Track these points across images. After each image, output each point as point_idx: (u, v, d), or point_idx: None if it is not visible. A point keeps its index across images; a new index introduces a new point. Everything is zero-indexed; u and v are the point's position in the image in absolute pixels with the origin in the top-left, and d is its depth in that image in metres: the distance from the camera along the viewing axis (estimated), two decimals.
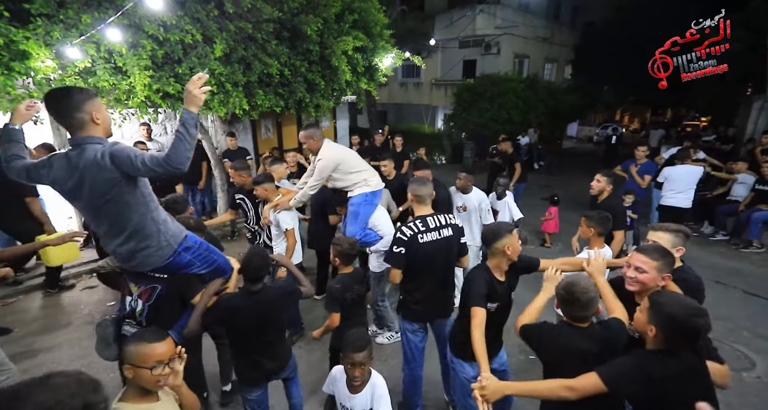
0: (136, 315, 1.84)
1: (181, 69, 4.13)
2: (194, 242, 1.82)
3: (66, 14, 3.37)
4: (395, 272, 2.34)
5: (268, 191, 3.20)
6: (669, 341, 1.35)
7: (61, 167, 1.51)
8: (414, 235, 2.26)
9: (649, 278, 1.68)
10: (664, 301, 1.37)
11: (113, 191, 1.49)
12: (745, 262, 5.18)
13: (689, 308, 1.33)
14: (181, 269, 1.77)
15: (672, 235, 2.01)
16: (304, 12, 5.01)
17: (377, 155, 6.41)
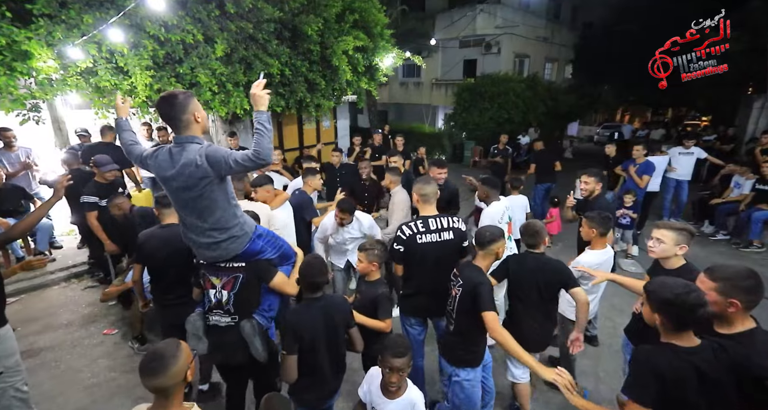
0: (223, 304, 1.93)
1: (182, 69, 4.15)
2: (263, 230, 1.99)
3: (68, 15, 3.39)
4: (397, 266, 2.45)
5: (269, 193, 3.13)
6: (671, 324, 1.37)
7: (165, 160, 1.71)
8: (413, 235, 2.29)
9: (666, 248, 1.99)
10: (654, 288, 1.42)
11: (205, 188, 1.68)
12: (745, 261, 5.18)
13: (677, 287, 1.36)
14: (256, 255, 1.92)
15: (675, 233, 2.04)
16: (305, 12, 5.03)
17: (376, 154, 6.43)
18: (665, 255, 2.08)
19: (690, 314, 1.32)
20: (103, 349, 3.32)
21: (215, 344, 1.96)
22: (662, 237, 2.05)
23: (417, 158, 6.76)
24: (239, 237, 1.83)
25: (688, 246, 2.04)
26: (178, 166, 1.67)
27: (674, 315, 1.35)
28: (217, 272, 1.91)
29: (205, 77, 4.21)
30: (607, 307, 3.79)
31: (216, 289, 1.92)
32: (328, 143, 9.08)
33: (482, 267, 2.07)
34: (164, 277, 2.44)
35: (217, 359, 2.06)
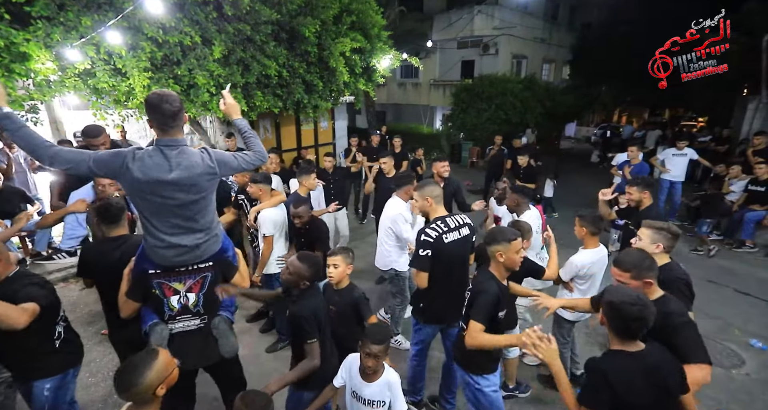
0: (191, 307, 1.89)
1: (180, 70, 4.18)
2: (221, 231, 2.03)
3: (66, 17, 3.41)
4: (422, 275, 2.27)
5: (262, 192, 3.12)
6: (617, 331, 1.44)
7: (160, 164, 1.61)
8: (439, 236, 2.24)
9: (643, 246, 1.95)
10: (608, 290, 1.50)
11: (208, 190, 1.73)
12: (737, 261, 5.24)
13: (626, 296, 1.41)
14: (224, 252, 1.95)
15: (653, 232, 2.12)
16: (303, 14, 5.06)
17: (374, 155, 6.46)
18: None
19: (624, 323, 1.40)
20: (102, 349, 3.34)
21: (183, 350, 1.83)
22: (641, 235, 2.17)
23: (415, 158, 6.80)
24: (218, 236, 1.88)
25: (668, 246, 2.09)
26: (181, 168, 1.63)
27: (614, 320, 1.43)
28: (179, 276, 1.84)
29: (203, 79, 4.24)
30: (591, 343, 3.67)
31: (180, 294, 1.86)
32: (325, 143, 9.11)
33: (495, 273, 1.99)
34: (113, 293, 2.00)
35: (188, 364, 1.89)
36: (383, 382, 1.84)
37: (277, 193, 3.32)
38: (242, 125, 1.83)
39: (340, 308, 2.22)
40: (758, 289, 4.43)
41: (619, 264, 1.79)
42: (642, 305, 1.39)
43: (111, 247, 2.11)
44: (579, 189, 8.69)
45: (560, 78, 17.71)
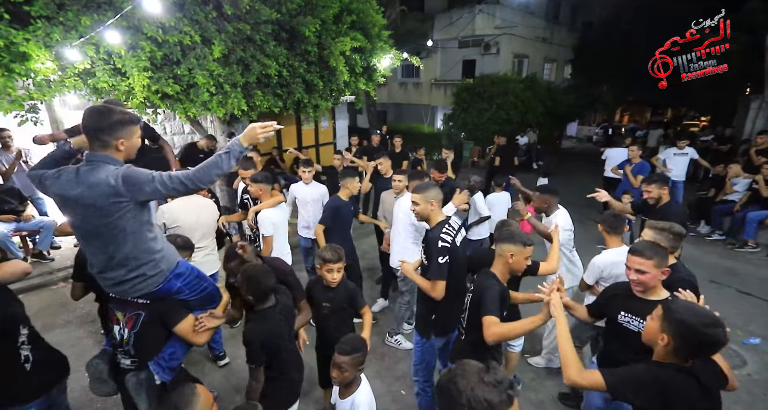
0: (123, 343, 1.75)
1: (180, 70, 4.17)
2: (186, 268, 1.73)
3: (66, 16, 3.41)
4: (441, 284, 2.10)
5: (262, 192, 3.13)
6: (681, 351, 1.32)
7: (69, 180, 1.47)
8: (453, 239, 2.15)
9: (651, 277, 1.76)
10: (678, 309, 1.33)
11: (115, 216, 1.44)
12: (740, 261, 5.21)
13: (704, 317, 1.29)
14: (170, 295, 1.69)
15: (654, 232, 2.12)
16: (303, 13, 5.05)
17: (374, 154, 6.45)
18: None
19: (699, 346, 1.29)
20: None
21: (122, 388, 1.76)
22: (644, 235, 2.16)
23: (416, 158, 6.79)
24: (151, 276, 1.58)
25: (671, 247, 2.07)
26: (84, 186, 1.43)
27: (687, 343, 1.30)
28: (123, 306, 1.70)
29: (203, 78, 4.23)
30: None
31: (120, 325, 1.73)
32: (326, 143, 9.11)
33: (497, 272, 1.96)
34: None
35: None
36: (348, 403, 1.72)
37: (276, 193, 3.32)
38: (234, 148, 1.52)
39: (335, 304, 2.23)
40: (760, 289, 4.40)
41: (640, 253, 1.75)
42: (722, 326, 1.27)
43: None
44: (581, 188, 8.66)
45: (562, 77, 17.67)
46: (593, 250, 3.21)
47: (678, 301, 1.43)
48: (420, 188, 2.24)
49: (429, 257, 2.14)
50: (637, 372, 1.40)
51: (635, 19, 12.88)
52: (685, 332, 1.29)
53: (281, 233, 3.25)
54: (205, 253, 2.98)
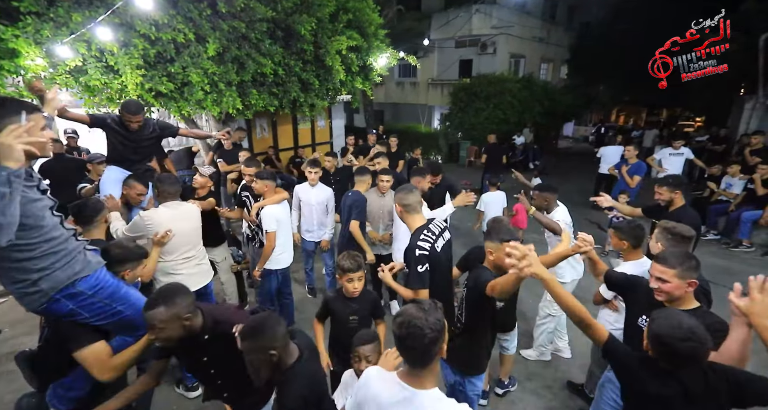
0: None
1: (173, 68, 4.12)
2: (89, 288, 1.49)
3: (56, 12, 3.35)
4: (424, 293, 2.00)
5: (267, 188, 3.15)
6: (662, 361, 1.32)
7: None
8: (432, 245, 2.05)
9: (673, 287, 1.63)
10: (657, 320, 1.32)
11: None
12: (734, 261, 5.23)
13: (678, 330, 1.25)
14: (63, 317, 1.49)
15: (658, 230, 2.10)
16: (298, 11, 5.01)
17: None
18: (652, 252, 2.13)
19: (672, 359, 1.29)
20: None
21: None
22: (652, 235, 2.16)
23: (412, 158, 6.78)
24: (30, 294, 1.41)
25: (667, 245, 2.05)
26: None
27: (662, 356, 1.31)
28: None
29: (197, 77, 4.19)
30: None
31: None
32: (323, 142, 9.07)
33: (488, 266, 1.95)
34: None
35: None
36: None
37: (280, 190, 3.35)
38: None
39: (361, 314, 2.11)
40: None
41: (663, 260, 1.65)
42: (697, 342, 1.23)
43: None
44: (576, 187, 8.68)
45: (558, 77, 17.72)
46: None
47: (663, 312, 1.37)
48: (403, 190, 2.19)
49: (408, 265, 2.07)
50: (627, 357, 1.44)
51: (632, 20, 12.94)
52: (658, 345, 1.29)
53: (285, 229, 3.26)
54: (194, 263, 2.79)
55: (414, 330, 1.09)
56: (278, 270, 3.31)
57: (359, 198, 3.45)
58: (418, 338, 1.09)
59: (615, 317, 2.38)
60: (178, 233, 2.60)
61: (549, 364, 3.24)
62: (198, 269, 2.83)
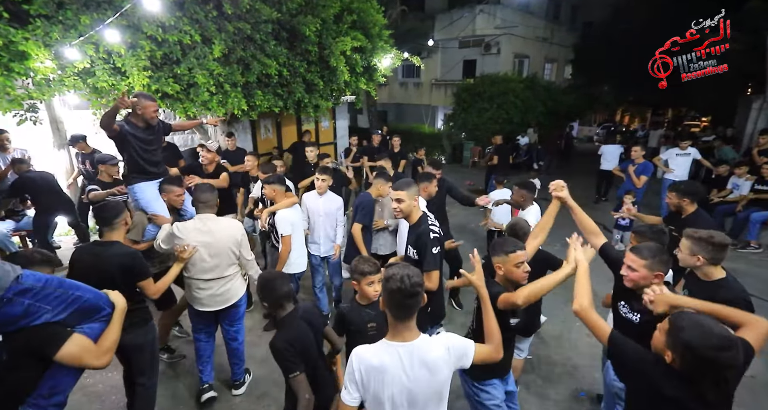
0: None
1: (179, 70, 4.16)
2: (36, 281, 1.40)
3: (65, 15, 3.39)
4: (436, 274, 2.18)
5: (275, 193, 3.16)
6: (686, 370, 1.21)
7: None
8: (439, 229, 2.21)
9: (640, 276, 1.77)
10: (685, 327, 1.19)
11: None
12: (741, 262, 5.18)
13: (713, 337, 1.14)
14: (17, 321, 1.36)
15: (691, 242, 1.93)
16: (303, 13, 5.03)
17: (375, 155, 6.44)
18: (685, 264, 1.99)
19: (711, 372, 1.16)
20: None
21: None
22: (681, 245, 1.98)
23: (416, 158, 6.77)
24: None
25: (711, 258, 1.90)
26: None
27: (696, 367, 1.18)
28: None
29: (203, 78, 4.22)
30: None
31: None
32: (327, 143, 9.09)
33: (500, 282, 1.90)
34: None
35: None
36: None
37: (290, 194, 3.35)
38: None
39: (378, 320, 2.01)
40: (763, 289, 4.37)
41: (638, 251, 1.78)
42: (736, 349, 1.14)
43: (93, 250, 2.06)
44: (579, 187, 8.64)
45: (562, 77, 17.65)
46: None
47: (687, 316, 1.26)
48: (403, 185, 2.23)
49: (422, 250, 2.15)
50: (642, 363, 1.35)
51: (636, 19, 12.86)
52: (690, 355, 1.16)
53: (298, 234, 3.24)
54: (220, 285, 2.52)
55: (403, 284, 1.29)
56: (295, 275, 3.27)
57: (366, 200, 3.38)
58: (405, 291, 1.29)
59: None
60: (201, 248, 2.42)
61: (555, 367, 3.22)
62: (226, 288, 2.57)
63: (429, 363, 1.34)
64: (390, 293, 1.32)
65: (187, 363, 3.19)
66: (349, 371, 1.38)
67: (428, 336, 1.40)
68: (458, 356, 1.41)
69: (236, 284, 2.62)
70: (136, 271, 2.10)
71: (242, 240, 2.55)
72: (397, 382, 1.31)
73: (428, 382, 1.34)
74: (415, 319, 1.38)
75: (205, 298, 2.54)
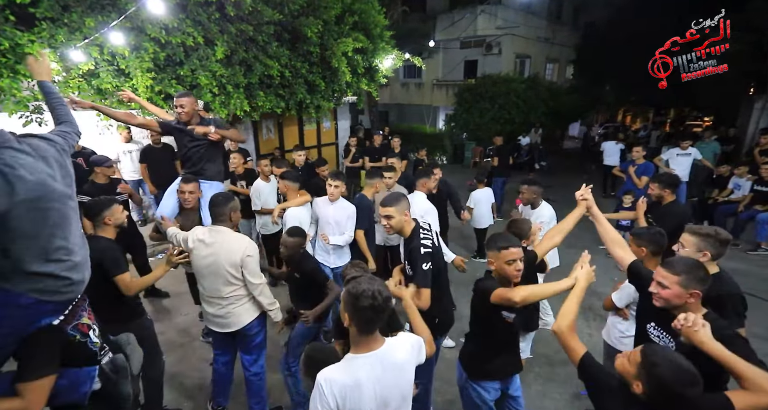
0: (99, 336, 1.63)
1: (182, 71, 4.19)
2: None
3: (70, 18, 3.44)
4: (427, 293, 1.99)
5: (288, 189, 3.23)
6: (653, 402, 1.26)
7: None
8: (433, 243, 2.11)
9: (672, 295, 1.55)
10: (657, 361, 1.24)
11: None
12: (742, 262, 5.18)
13: (685, 374, 1.21)
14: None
15: (699, 238, 1.91)
16: (305, 14, 5.07)
17: (376, 155, 6.47)
18: None
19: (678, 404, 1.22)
20: None
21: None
22: (684, 241, 1.95)
23: (417, 158, 6.79)
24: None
25: (716, 254, 1.91)
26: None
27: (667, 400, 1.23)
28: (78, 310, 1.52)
29: (206, 79, 4.25)
30: None
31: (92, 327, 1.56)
32: (328, 144, 9.12)
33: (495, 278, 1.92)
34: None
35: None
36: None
37: (303, 193, 3.40)
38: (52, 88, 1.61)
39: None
40: (764, 290, 4.37)
41: (670, 266, 1.57)
42: (701, 384, 1.20)
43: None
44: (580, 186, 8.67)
45: (564, 78, 17.62)
46: (596, 250, 3.20)
47: (660, 352, 1.28)
48: (391, 201, 2.10)
49: (413, 265, 2.03)
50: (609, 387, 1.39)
51: (637, 19, 12.84)
52: (662, 389, 1.22)
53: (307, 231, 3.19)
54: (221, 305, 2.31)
55: (375, 301, 1.25)
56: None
57: (361, 204, 3.29)
58: (377, 307, 1.25)
59: (626, 325, 2.34)
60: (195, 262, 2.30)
61: (556, 366, 3.24)
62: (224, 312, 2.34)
63: (399, 365, 1.35)
64: (361, 311, 1.26)
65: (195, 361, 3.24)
66: (319, 400, 1.25)
67: (389, 339, 1.40)
68: (418, 352, 1.47)
69: (240, 309, 2.33)
70: (106, 266, 2.08)
71: (245, 261, 2.22)
72: (373, 394, 1.28)
73: (397, 384, 1.35)
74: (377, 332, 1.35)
75: (209, 315, 2.39)
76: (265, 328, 2.51)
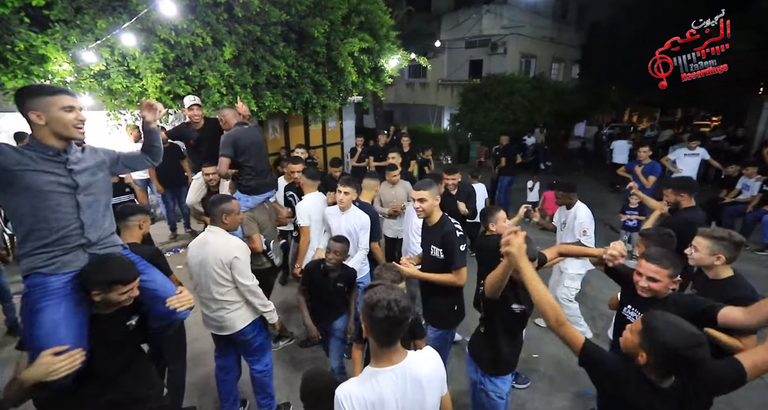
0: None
1: (191, 71, 4.25)
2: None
3: (83, 20, 3.50)
4: (464, 271, 2.21)
5: (303, 185, 3.29)
6: (661, 369, 1.25)
7: None
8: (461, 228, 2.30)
9: (663, 286, 1.70)
10: (659, 327, 1.22)
11: None
12: (752, 264, 5.13)
13: (686, 336, 1.19)
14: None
15: (712, 242, 1.90)
16: (311, 15, 5.10)
17: (380, 155, 6.48)
18: (701, 264, 1.97)
19: (689, 369, 1.20)
20: None
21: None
22: (697, 245, 1.94)
23: (423, 158, 6.80)
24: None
25: (730, 257, 1.90)
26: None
27: (672, 364, 1.22)
28: None
29: (214, 79, 4.31)
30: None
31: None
32: (333, 143, 9.16)
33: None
34: None
35: None
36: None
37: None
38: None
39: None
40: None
41: (657, 261, 1.67)
42: (706, 345, 1.19)
43: None
44: (590, 187, 8.61)
45: (569, 77, 17.53)
46: None
47: (660, 316, 1.27)
48: (425, 185, 2.24)
49: (450, 248, 2.20)
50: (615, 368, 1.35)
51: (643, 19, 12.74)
52: (666, 353, 1.20)
53: (316, 227, 3.17)
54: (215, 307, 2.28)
55: (391, 312, 1.17)
56: None
57: (369, 212, 3.09)
58: (394, 319, 1.17)
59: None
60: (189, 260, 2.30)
61: (559, 365, 3.24)
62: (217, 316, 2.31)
63: (422, 380, 1.26)
64: (377, 322, 1.18)
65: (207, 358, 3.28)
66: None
67: (411, 353, 1.31)
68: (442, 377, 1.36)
69: (232, 314, 2.28)
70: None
71: (233, 263, 2.18)
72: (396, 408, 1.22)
73: (422, 401, 1.26)
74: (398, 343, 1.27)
75: (205, 316, 2.35)
76: (264, 332, 2.45)
